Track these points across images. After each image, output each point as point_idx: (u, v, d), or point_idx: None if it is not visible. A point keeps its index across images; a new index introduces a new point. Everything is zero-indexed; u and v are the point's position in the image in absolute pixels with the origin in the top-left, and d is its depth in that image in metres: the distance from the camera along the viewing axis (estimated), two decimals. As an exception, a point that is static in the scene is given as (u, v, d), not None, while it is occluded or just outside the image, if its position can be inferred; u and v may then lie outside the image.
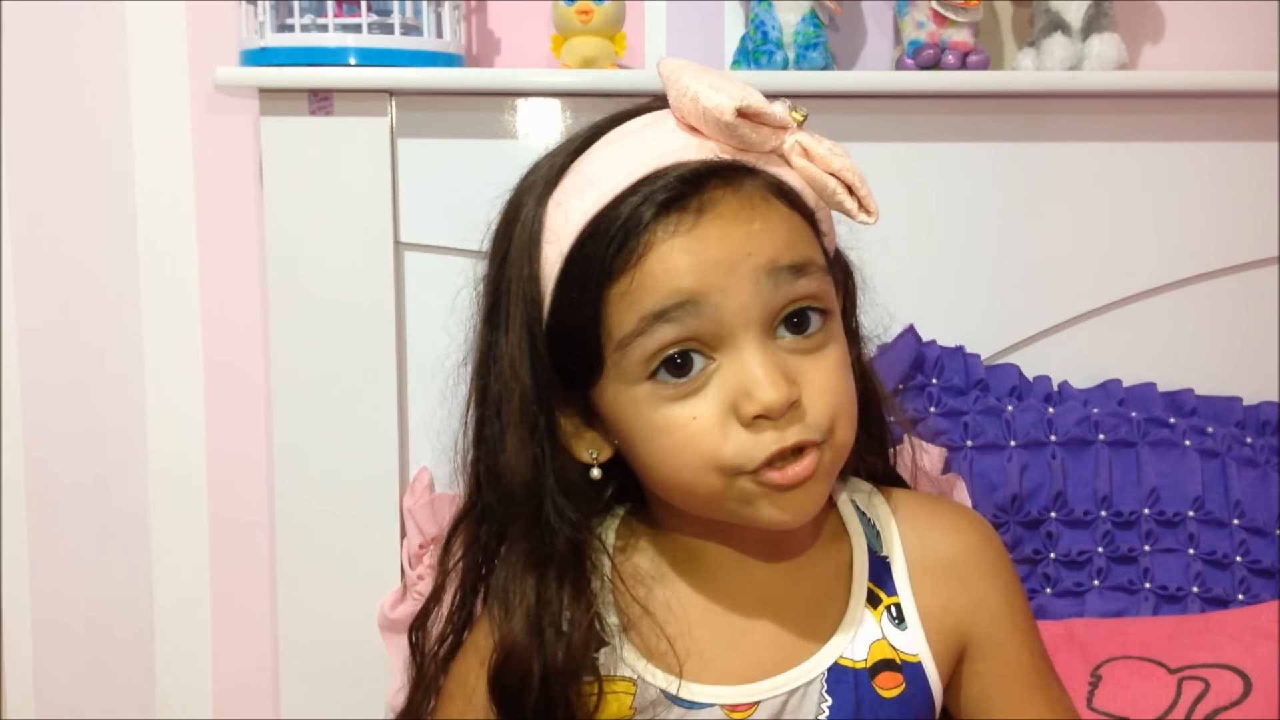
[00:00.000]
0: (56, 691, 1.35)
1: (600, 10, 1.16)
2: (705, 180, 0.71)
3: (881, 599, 0.79)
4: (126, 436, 1.33)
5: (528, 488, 0.75)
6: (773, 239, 0.71)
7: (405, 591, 1.20)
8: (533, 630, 0.75)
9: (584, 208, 0.72)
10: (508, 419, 0.76)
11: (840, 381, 0.73)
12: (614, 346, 0.71)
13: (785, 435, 0.69)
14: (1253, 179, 1.24)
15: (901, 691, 0.77)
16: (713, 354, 0.70)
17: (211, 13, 1.27)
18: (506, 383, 0.76)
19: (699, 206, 0.70)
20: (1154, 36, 1.30)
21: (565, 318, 0.73)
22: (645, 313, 0.70)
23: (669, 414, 0.71)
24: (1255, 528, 1.12)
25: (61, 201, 1.31)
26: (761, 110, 0.71)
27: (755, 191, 0.72)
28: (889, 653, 0.77)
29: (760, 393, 0.68)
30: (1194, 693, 1.02)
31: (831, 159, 0.73)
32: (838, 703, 0.75)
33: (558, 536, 0.75)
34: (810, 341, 0.72)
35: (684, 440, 0.70)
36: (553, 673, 0.74)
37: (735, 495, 0.71)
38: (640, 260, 0.70)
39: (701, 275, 0.69)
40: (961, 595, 0.79)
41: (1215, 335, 1.25)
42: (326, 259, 1.19)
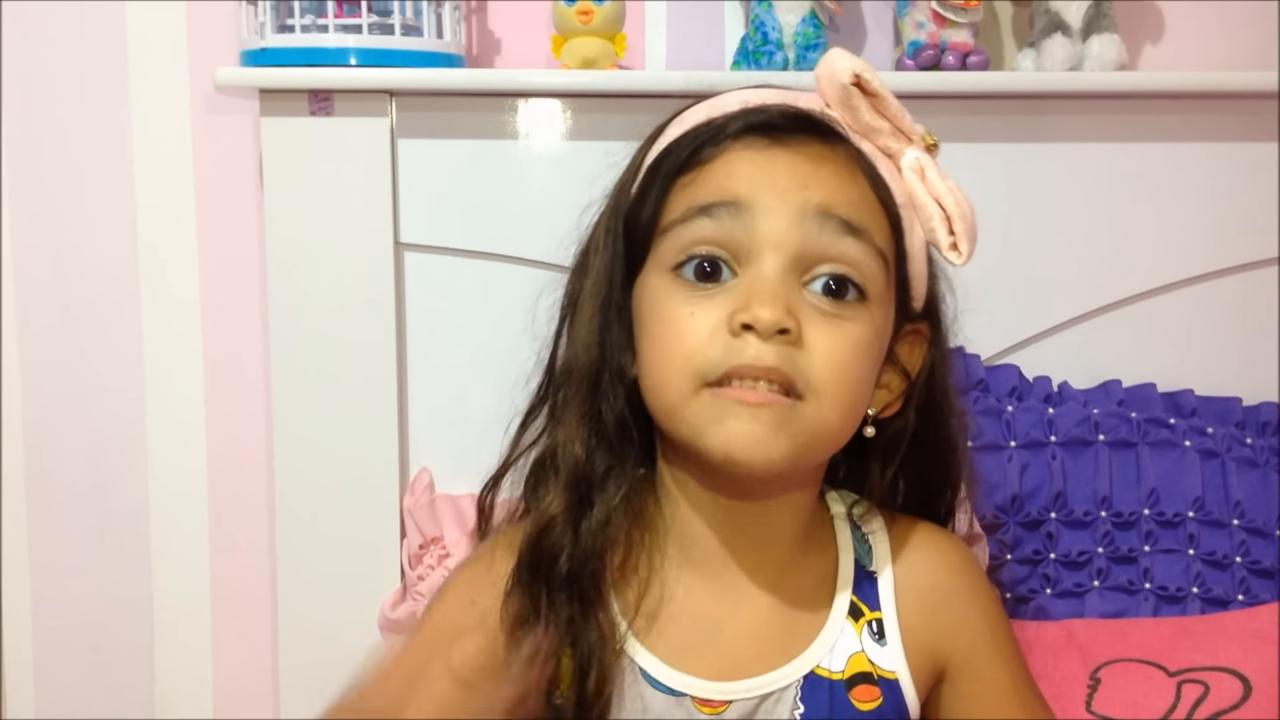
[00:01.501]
0: (56, 692, 1.35)
1: (600, 11, 1.16)
2: (803, 127, 0.74)
3: (864, 613, 0.79)
4: (126, 437, 1.33)
5: (589, 354, 0.77)
6: (836, 188, 0.72)
7: (405, 592, 1.20)
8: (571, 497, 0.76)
9: (695, 118, 0.76)
10: (585, 295, 0.79)
11: (850, 355, 0.72)
12: (661, 229, 0.74)
13: (763, 354, 0.69)
14: (1253, 179, 1.23)
15: (878, 705, 0.77)
16: (737, 268, 0.72)
17: (211, 13, 1.27)
18: (590, 260, 0.79)
19: (783, 138, 0.73)
20: (1154, 37, 1.30)
21: (639, 201, 0.77)
22: (693, 203, 0.73)
23: (675, 309, 0.73)
24: (1255, 528, 1.12)
25: (61, 202, 1.31)
26: (880, 92, 0.74)
27: (844, 154, 0.74)
28: (867, 666, 0.77)
29: (757, 304, 0.70)
30: (1194, 696, 1.02)
31: (943, 188, 0.74)
32: (810, 711, 0.76)
33: (609, 415, 0.77)
34: (839, 308, 0.72)
35: (673, 335, 0.72)
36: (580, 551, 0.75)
37: (694, 411, 0.71)
38: (710, 162, 0.74)
39: (753, 186, 0.72)
40: (942, 616, 0.80)
41: (1215, 335, 1.25)
42: (326, 259, 1.19)
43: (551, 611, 0.75)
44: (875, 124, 0.74)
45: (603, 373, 0.77)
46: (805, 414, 0.71)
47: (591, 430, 0.77)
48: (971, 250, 0.75)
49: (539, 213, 1.19)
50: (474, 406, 1.19)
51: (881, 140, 0.75)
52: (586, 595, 0.75)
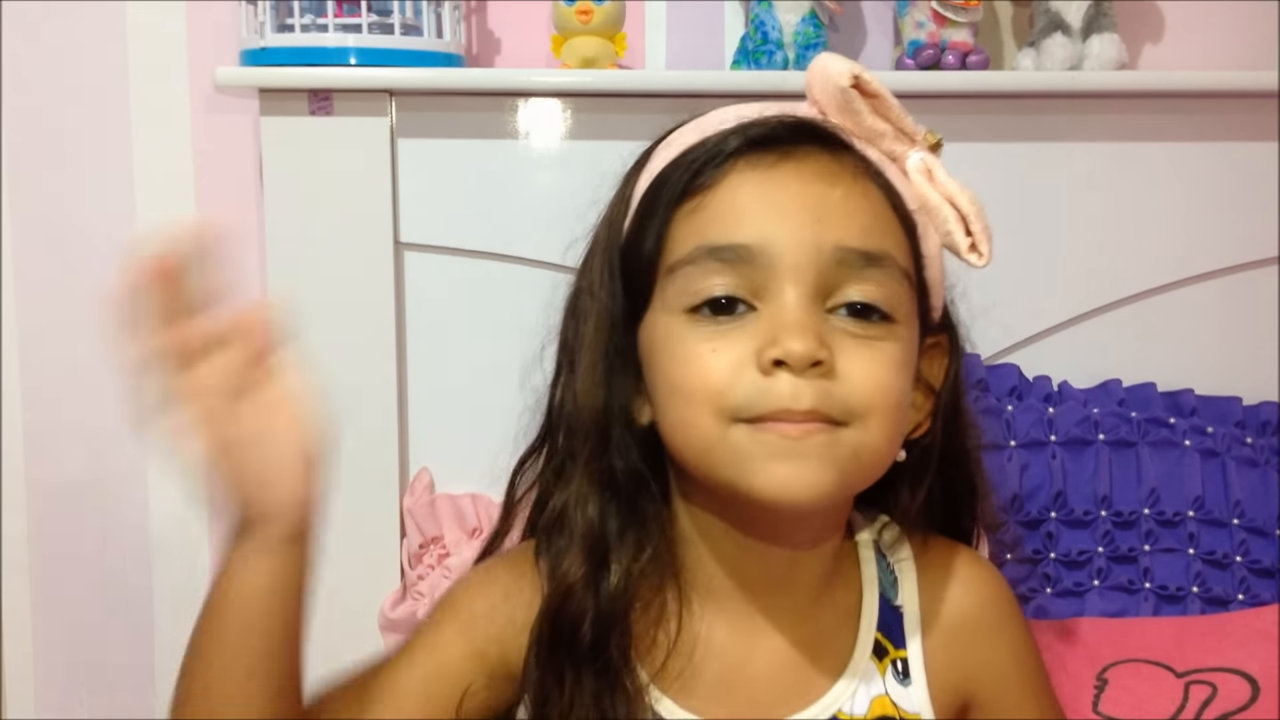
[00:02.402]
0: (56, 691, 1.35)
1: (600, 10, 1.16)
2: (804, 136, 0.69)
3: (889, 651, 0.75)
4: (126, 436, 1.33)
5: (597, 414, 0.72)
6: (851, 215, 0.68)
7: (405, 592, 1.20)
8: (589, 562, 0.71)
9: (687, 139, 0.71)
10: (585, 341, 0.73)
11: (888, 375, 0.67)
12: (666, 268, 0.69)
13: (801, 394, 0.65)
14: (1253, 179, 1.23)
15: None
16: (756, 303, 0.67)
17: (211, 13, 1.27)
18: (586, 305, 0.74)
19: (786, 152, 0.69)
20: (1154, 36, 1.30)
21: (637, 233, 0.71)
22: (702, 243, 0.68)
23: (693, 346, 0.67)
24: (1255, 528, 1.12)
25: (61, 201, 1.31)
26: (880, 93, 0.70)
27: (851, 165, 0.70)
28: (890, 710, 0.74)
29: (786, 337, 0.65)
30: (1201, 697, 1.02)
31: (954, 188, 0.71)
32: None
33: (621, 471, 0.72)
34: (867, 329, 0.68)
35: (696, 371, 0.67)
36: (604, 612, 0.71)
37: (729, 449, 0.66)
38: (712, 187, 0.68)
39: (763, 223, 0.67)
40: (971, 652, 0.76)
41: (1215, 335, 1.25)
42: (326, 259, 1.19)
43: (577, 686, 0.71)
44: (878, 127, 0.71)
45: (612, 426, 0.72)
46: (851, 439, 0.66)
47: (604, 488, 0.72)
48: (991, 250, 0.72)
49: (539, 212, 1.19)
50: (474, 406, 1.19)
51: (885, 144, 0.71)
52: (611, 665, 0.71)
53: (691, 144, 0.71)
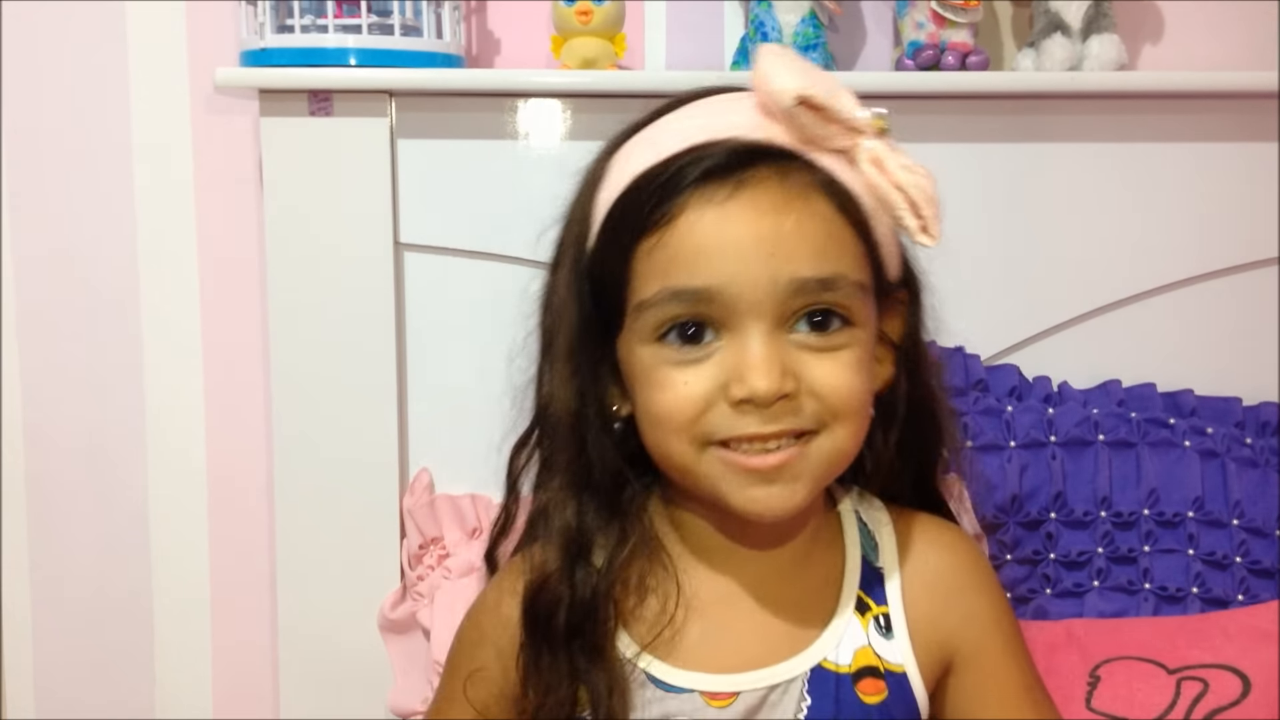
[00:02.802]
0: (56, 691, 1.35)
1: (600, 11, 1.16)
2: (755, 159, 0.72)
3: (870, 607, 0.79)
4: (126, 436, 1.33)
5: (572, 418, 0.77)
6: (802, 244, 0.71)
7: (405, 592, 1.20)
8: (566, 556, 0.77)
9: (640, 162, 0.74)
10: (557, 352, 0.78)
11: (851, 382, 0.73)
12: (633, 306, 0.73)
13: (765, 420, 0.71)
14: (1253, 179, 1.23)
15: (884, 699, 0.77)
16: (722, 332, 0.72)
17: (211, 13, 1.27)
18: (556, 318, 0.79)
19: (738, 182, 0.71)
20: (1154, 37, 1.30)
21: (601, 264, 0.75)
22: (664, 286, 0.72)
23: (667, 374, 0.73)
24: (1255, 528, 1.12)
25: (61, 201, 1.31)
26: (825, 105, 0.71)
27: (803, 185, 0.72)
28: (873, 660, 0.78)
29: (751, 377, 0.70)
30: (1193, 693, 1.02)
31: (901, 173, 0.73)
32: (817, 703, 0.76)
33: (597, 470, 0.77)
34: (827, 339, 0.72)
35: (670, 401, 0.72)
36: (579, 602, 0.76)
37: (706, 468, 0.73)
38: (671, 222, 0.72)
39: (722, 266, 0.70)
40: (950, 609, 0.80)
41: (1215, 335, 1.25)
42: (326, 259, 1.19)
43: (554, 665, 0.76)
44: (824, 132, 0.73)
45: (587, 430, 0.77)
46: (818, 448, 0.73)
47: (581, 489, 0.78)
48: (940, 230, 0.75)
49: (539, 213, 1.19)
50: (474, 407, 1.19)
51: (833, 143, 0.73)
52: (590, 645, 0.76)
53: (646, 169, 0.73)
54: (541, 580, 0.77)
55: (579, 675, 0.76)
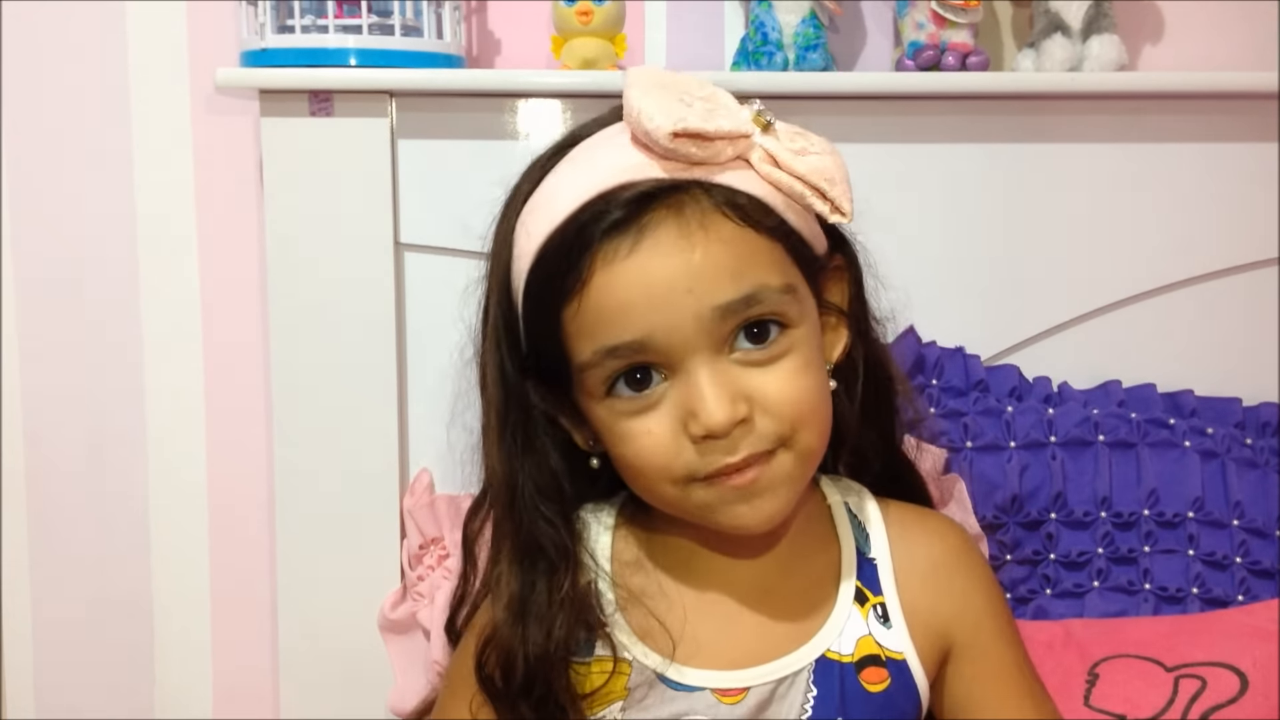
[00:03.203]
0: (56, 691, 1.35)
1: (600, 11, 1.16)
2: (649, 202, 0.72)
3: (868, 597, 0.81)
4: (126, 437, 1.33)
5: (504, 483, 0.80)
6: (715, 272, 0.72)
7: (405, 592, 1.20)
8: (515, 619, 0.78)
9: (541, 229, 0.75)
10: (487, 420, 0.81)
11: (800, 388, 0.74)
12: (576, 368, 0.75)
13: (733, 448, 0.72)
14: (1253, 179, 1.23)
15: (887, 686, 0.79)
16: (666, 373, 0.73)
17: (211, 13, 1.27)
18: (485, 387, 0.81)
19: (638, 230, 0.72)
20: (1154, 37, 1.30)
21: (534, 335, 0.77)
22: (596, 347, 0.73)
23: (628, 426, 0.74)
24: (1255, 529, 1.12)
25: (61, 202, 1.31)
26: (702, 130, 0.71)
27: (699, 214, 0.72)
28: (875, 649, 0.79)
29: (704, 415, 0.71)
30: (1191, 690, 1.02)
31: (797, 162, 0.73)
32: (823, 693, 0.78)
33: (538, 536, 0.79)
34: (769, 351, 0.73)
35: (640, 451, 0.74)
36: (535, 660, 0.77)
37: (696, 502, 0.75)
38: (585, 286, 0.73)
39: (643, 316, 0.72)
40: (946, 598, 0.82)
41: (1215, 335, 1.25)
42: (326, 259, 1.19)
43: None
44: (710, 151, 0.72)
45: (517, 499, 0.79)
46: (788, 458, 0.74)
47: (524, 554, 0.79)
48: (852, 203, 0.74)
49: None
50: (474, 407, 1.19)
51: (724, 157, 0.73)
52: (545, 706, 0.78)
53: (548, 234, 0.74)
54: (491, 636, 0.79)
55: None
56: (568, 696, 0.78)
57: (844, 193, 0.74)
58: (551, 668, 0.78)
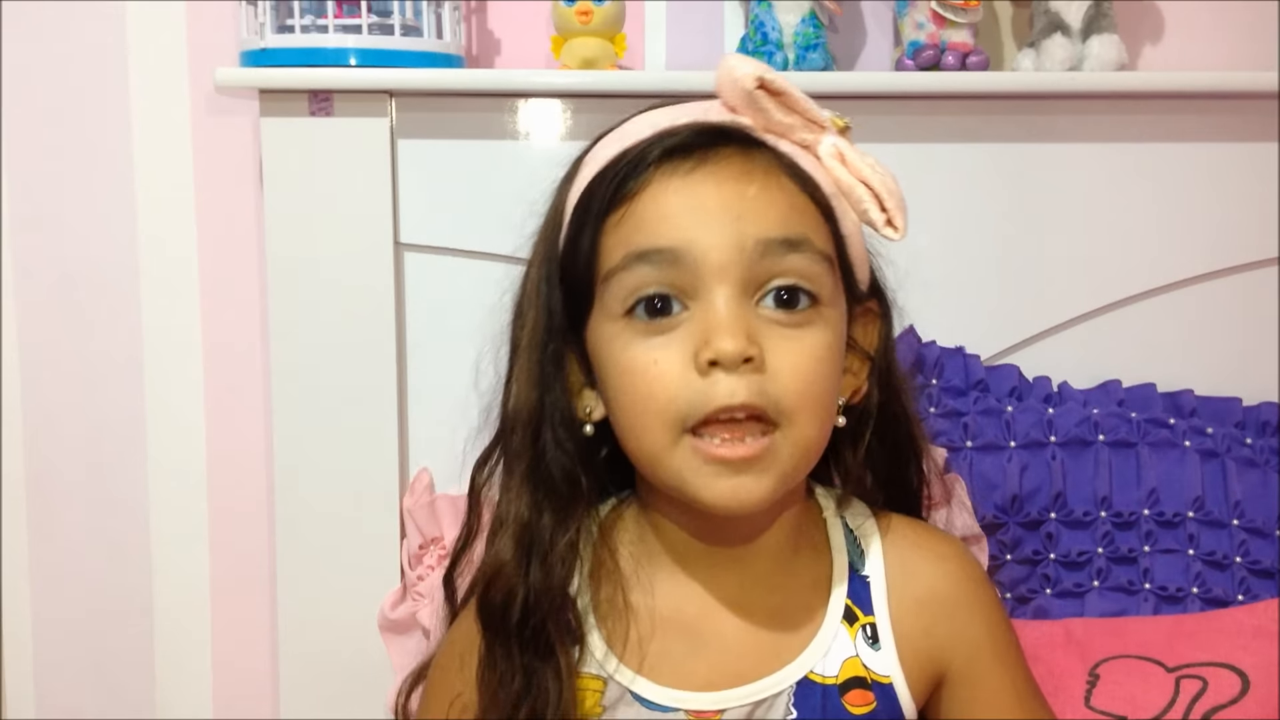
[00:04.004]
0: (56, 691, 1.35)
1: (600, 11, 1.16)
2: (718, 140, 0.73)
3: (858, 617, 0.78)
4: (126, 436, 1.33)
5: (530, 411, 0.78)
6: (768, 208, 0.72)
7: (405, 592, 1.21)
8: (520, 549, 0.77)
9: (608, 153, 0.76)
10: (522, 344, 0.79)
11: (814, 368, 0.72)
12: (602, 278, 0.74)
13: (736, 390, 0.69)
14: (1253, 179, 1.23)
15: (872, 710, 0.77)
16: (688, 302, 0.72)
17: (211, 13, 1.27)
18: (525, 309, 0.79)
19: (702, 157, 0.73)
20: (1154, 37, 1.30)
21: (572, 246, 0.76)
22: (629, 250, 0.72)
23: (635, 354, 0.72)
24: (1255, 528, 1.12)
25: (61, 202, 1.31)
26: (786, 90, 0.73)
27: (764, 162, 0.74)
28: (860, 671, 0.77)
29: (716, 338, 0.69)
30: (1192, 691, 1.02)
31: (866, 169, 0.74)
32: (803, 715, 0.76)
33: (553, 467, 0.77)
34: (794, 317, 0.72)
35: (643, 386, 0.72)
36: (534, 597, 0.76)
37: (679, 460, 0.72)
38: (636, 196, 0.73)
39: (686, 227, 0.71)
40: (942, 624, 0.79)
41: (1215, 335, 1.25)
42: (326, 259, 1.19)
43: (507, 660, 0.77)
44: (786, 120, 0.74)
45: (543, 426, 0.78)
46: (783, 442, 0.72)
47: (537, 485, 0.78)
48: (906, 224, 0.75)
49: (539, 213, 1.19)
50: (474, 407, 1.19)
51: (796, 135, 0.74)
52: (544, 644, 0.76)
53: (614, 156, 0.75)
54: (495, 571, 0.77)
55: (530, 673, 0.76)
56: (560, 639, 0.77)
57: (900, 210, 0.74)
58: (550, 606, 0.76)
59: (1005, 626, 0.82)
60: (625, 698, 0.76)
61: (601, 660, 0.77)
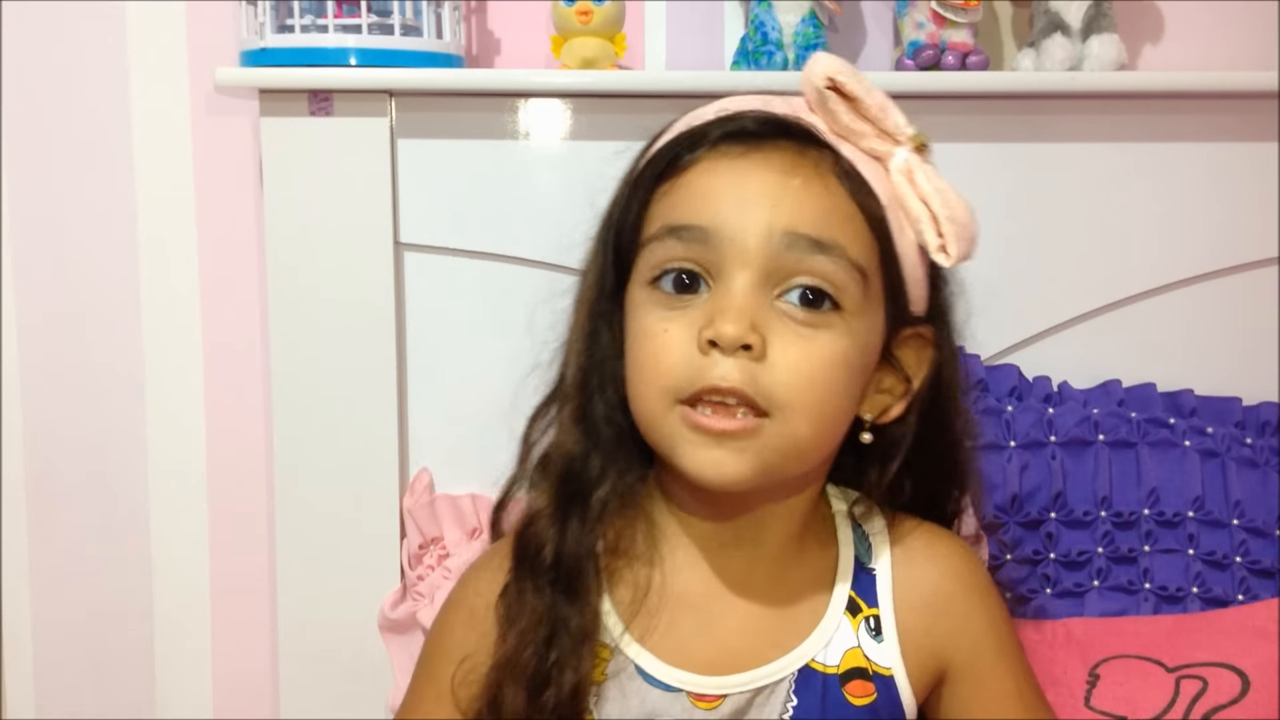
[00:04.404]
0: (56, 691, 1.35)
1: (600, 11, 1.16)
2: (780, 133, 0.74)
3: (861, 609, 0.79)
4: (126, 436, 1.33)
5: (580, 366, 0.79)
6: (806, 203, 0.72)
7: (405, 592, 1.21)
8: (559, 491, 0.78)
9: (679, 128, 0.77)
10: (579, 300, 0.80)
11: (818, 370, 0.72)
12: (640, 243, 0.75)
13: (728, 373, 0.70)
14: (1253, 179, 1.23)
15: (871, 701, 0.77)
16: (712, 282, 0.73)
17: (211, 13, 1.27)
18: (587, 269, 0.81)
19: (757, 144, 0.74)
20: (1154, 36, 1.31)
21: (624, 212, 0.77)
22: (665, 223, 0.74)
23: (651, 321, 0.74)
24: (1255, 528, 1.12)
25: (61, 202, 1.31)
26: (858, 95, 0.73)
27: (818, 163, 0.74)
28: (862, 661, 0.78)
29: (720, 320, 0.70)
30: (1192, 691, 1.02)
31: (931, 190, 0.74)
32: (803, 704, 0.76)
33: (604, 421, 0.79)
34: (811, 317, 0.72)
35: (650, 351, 0.73)
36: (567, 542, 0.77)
37: (669, 427, 0.73)
38: (685, 171, 0.74)
39: (721, 208, 0.72)
40: (943, 622, 0.79)
41: (1215, 335, 1.25)
42: (326, 259, 1.19)
43: (535, 597, 0.77)
44: (856, 126, 0.74)
45: (591, 377, 0.79)
46: (770, 431, 0.71)
47: (585, 431, 0.79)
48: (962, 253, 0.74)
49: (539, 213, 1.19)
50: (474, 407, 1.19)
51: (866, 143, 0.74)
52: (572, 587, 0.77)
53: (680, 131, 0.77)
54: (533, 516, 0.79)
55: (556, 615, 0.76)
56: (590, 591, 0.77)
57: (959, 237, 0.74)
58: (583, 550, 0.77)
59: (1007, 626, 0.82)
60: (629, 669, 0.77)
61: (611, 628, 0.78)
